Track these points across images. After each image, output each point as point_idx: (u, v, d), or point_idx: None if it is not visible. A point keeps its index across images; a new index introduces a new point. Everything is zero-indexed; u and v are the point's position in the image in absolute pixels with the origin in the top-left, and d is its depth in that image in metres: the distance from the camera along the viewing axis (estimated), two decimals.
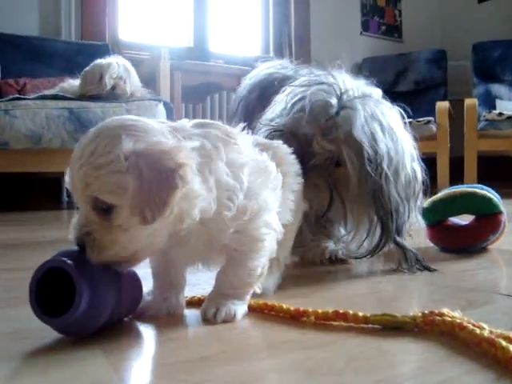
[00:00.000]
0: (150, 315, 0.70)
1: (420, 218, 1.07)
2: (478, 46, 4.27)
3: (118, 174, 0.58)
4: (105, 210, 0.60)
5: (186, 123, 0.69)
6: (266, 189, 0.72)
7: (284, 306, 0.70)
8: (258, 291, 0.74)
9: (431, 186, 1.10)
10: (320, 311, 0.67)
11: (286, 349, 0.59)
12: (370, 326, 0.64)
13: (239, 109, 1.40)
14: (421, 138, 1.07)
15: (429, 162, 1.10)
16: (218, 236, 0.68)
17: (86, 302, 0.58)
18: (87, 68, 2.67)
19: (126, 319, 0.70)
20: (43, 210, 2.68)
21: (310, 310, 0.67)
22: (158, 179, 0.57)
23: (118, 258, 0.62)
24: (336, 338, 0.62)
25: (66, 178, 0.62)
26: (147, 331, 0.67)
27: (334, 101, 0.98)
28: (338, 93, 0.98)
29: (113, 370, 0.53)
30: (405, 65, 4.50)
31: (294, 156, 0.85)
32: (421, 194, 1.05)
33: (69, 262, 0.60)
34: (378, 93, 1.07)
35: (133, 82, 2.71)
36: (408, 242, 1.04)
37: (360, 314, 0.65)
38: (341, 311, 0.66)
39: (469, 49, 4.30)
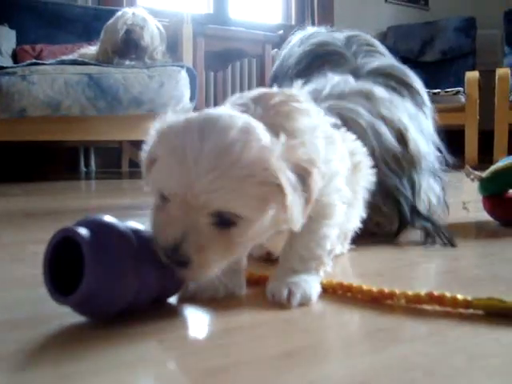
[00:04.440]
0: (206, 297, 0.59)
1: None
2: (510, 13, 4.05)
3: (262, 186, 0.51)
4: (226, 224, 0.51)
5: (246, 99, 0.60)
6: (335, 155, 0.63)
7: (364, 287, 0.59)
8: (329, 270, 0.64)
9: (459, 159, 1.01)
10: (410, 293, 0.56)
11: (383, 341, 0.48)
12: (471, 311, 0.54)
13: (285, 79, 1.28)
14: (448, 110, 0.97)
15: (456, 134, 1.00)
16: None
17: (93, 280, 0.48)
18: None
19: (171, 301, 0.59)
20: (62, 180, 2.59)
21: (398, 291, 0.57)
22: (300, 182, 0.53)
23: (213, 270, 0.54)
24: (438, 326, 0.51)
25: (170, 181, 0.52)
26: (205, 317, 0.56)
27: None
28: None
29: (175, 368, 0.43)
30: (431, 34, 4.28)
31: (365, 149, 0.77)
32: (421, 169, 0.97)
33: (83, 231, 0.50)
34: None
35: (152, 34, 2.57)
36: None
37: (459, 296, 0.55)
38: (435, 293, 0.55)
39: (500, 16, 4.10)
